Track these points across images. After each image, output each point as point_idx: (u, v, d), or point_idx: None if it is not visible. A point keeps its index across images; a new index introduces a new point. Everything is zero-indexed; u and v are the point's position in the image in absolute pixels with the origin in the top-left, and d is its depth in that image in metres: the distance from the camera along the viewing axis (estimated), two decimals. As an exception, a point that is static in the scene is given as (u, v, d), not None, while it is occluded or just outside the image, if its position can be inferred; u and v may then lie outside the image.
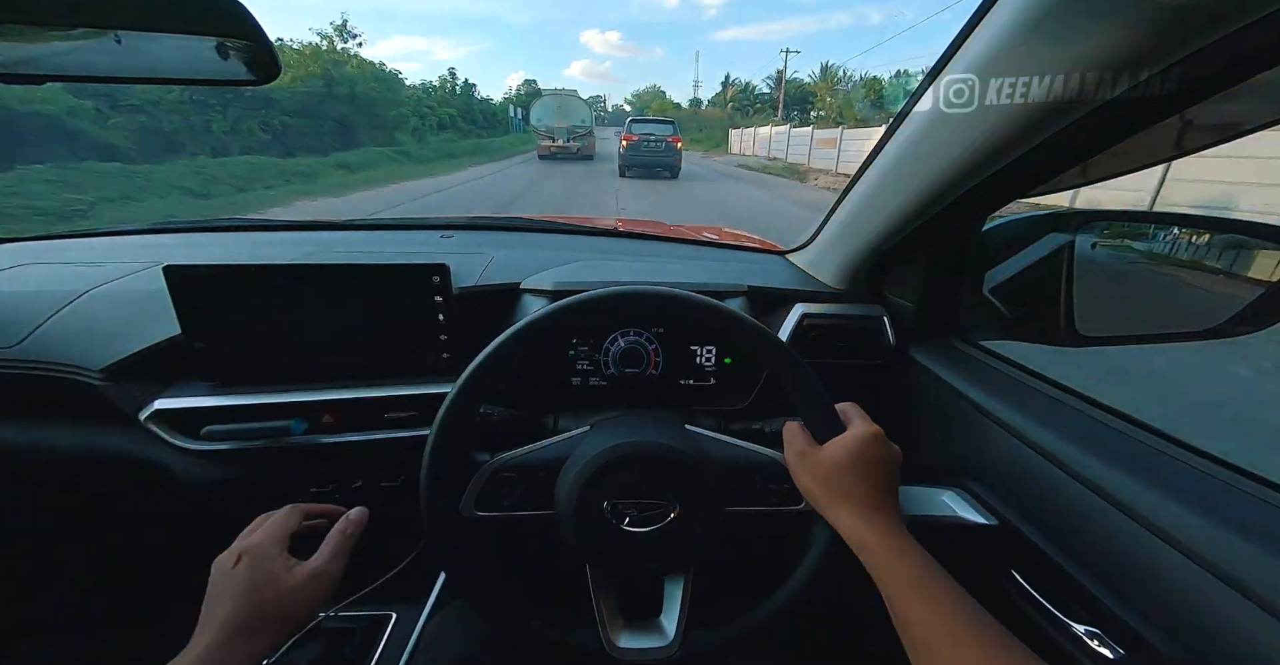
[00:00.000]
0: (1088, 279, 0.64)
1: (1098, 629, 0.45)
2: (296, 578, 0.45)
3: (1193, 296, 0.68)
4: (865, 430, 0.49)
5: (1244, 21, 0.30)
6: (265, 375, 0.71)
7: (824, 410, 0.51)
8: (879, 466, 0.48)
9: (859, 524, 0.46)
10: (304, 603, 0.45)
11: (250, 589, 0.43)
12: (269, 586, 0.44)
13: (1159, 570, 0.40)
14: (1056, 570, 0.49)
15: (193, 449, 0.67)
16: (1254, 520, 0.38)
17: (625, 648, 0.52)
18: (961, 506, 0.60)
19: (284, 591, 0.44)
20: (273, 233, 1.07)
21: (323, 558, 0.48)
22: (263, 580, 0.44)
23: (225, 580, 0.44)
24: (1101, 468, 0.47)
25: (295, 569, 0.46)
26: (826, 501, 0.48)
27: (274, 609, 0.44)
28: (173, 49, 0.40)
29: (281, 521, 0.50)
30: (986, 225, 0.70)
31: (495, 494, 0.52)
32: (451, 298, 0.71)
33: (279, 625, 0.44)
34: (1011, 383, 0.63)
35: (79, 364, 0.67)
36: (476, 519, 0.52)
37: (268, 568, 0.45)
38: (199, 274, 0.65)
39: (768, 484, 0.54)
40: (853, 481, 0.47)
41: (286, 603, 0.44)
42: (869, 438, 0.48)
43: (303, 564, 0.47)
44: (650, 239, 1.14)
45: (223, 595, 0.43)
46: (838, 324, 0.78)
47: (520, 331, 0.50)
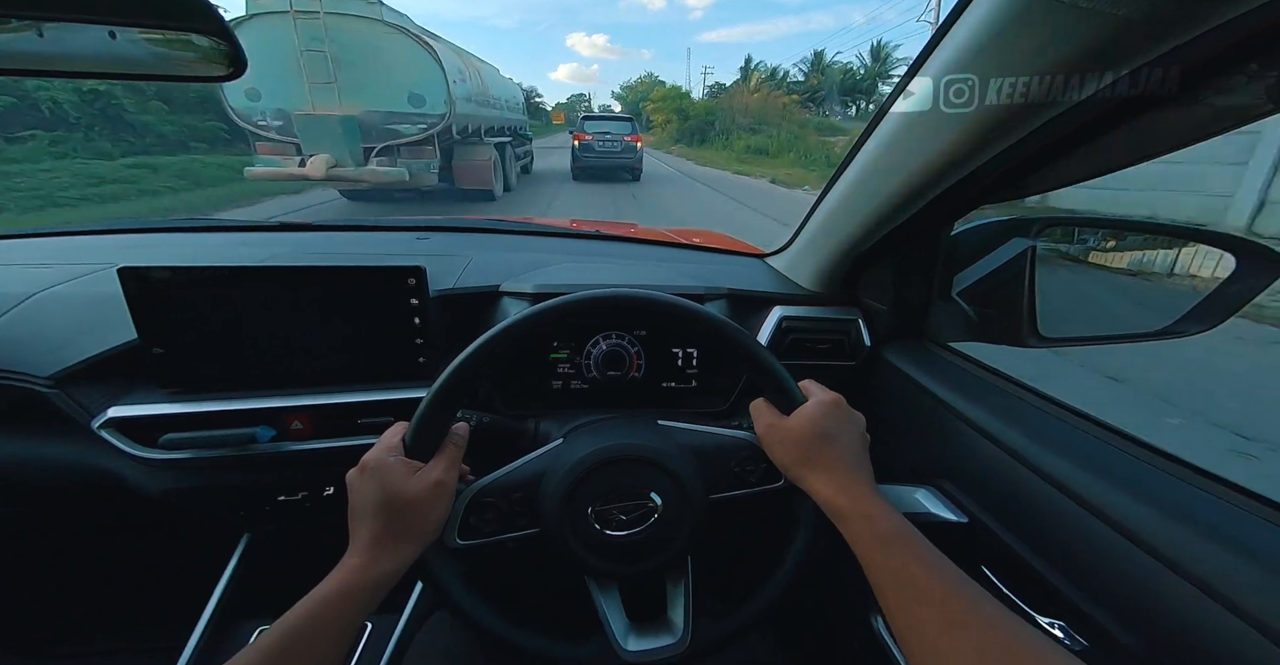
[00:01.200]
0: (1048, 281, 0.67)
1: (1062, 622, 0.47)
2: (421, 485, 0.46)
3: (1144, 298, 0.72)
4: (823, 398, 0.51)
5: (1210, 24, 0.30)
6: (230, 382, 0.68)
7: (783, 382, 0.52)
8: (843, 431, 0.49)
9: (831, 489, 0.47)
10: (431, 513, 0.46)
11: (383, 499, 0.44)
12: (398, 495, 0.45)
13: (1121, 565, 0.42)
14: (1024, 566, 0.50)
15: (149, 458, 0.64)
16: (1212, 518, 0.40)
17: (637, 651, 0.51)
18: (934, 504, 0.61)
19: (412, 500, 0.45)
20: (238, 233, 1.03)
21: (439, 468, 0.47)
22: (392, 488, 0.45)
23: (358, 493, 0.45)
24: (1066, 466, 0.48)
25: (418, 475, 0.46)
26: (798, 471, 0.49)
27: (406, 518, 0.45)
28: (134, 43, 0.38)
29: (391, 433, 0.50)
30: (955, 229, 0.72)
31: (478, 521, 0.51)
32: (428, 300, 0.70)
33: (415, 534, 0.45)
34: (979, 383, 0.65)
35: (26, 370, 0.63)
36: (461, 549, 0.51)
37: (391, 477, 0.45)
38: (157, 276, 0.62)
39: (745, 465, 0.55)
40: (820, 447, 0.48)
41: (416, 512, 0.45)
42: (830, 403, 0.50)
43: (423, 471, 0.47)
44: (631, 241, 1.14)
45: (361, 513, 0.45)
46: (815, 326, 0.79)
47: (498, 335, 0.49)
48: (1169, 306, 0.69)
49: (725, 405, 0.78)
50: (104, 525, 0.77)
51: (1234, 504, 0.41)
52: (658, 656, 0.51)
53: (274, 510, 0.73)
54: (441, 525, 0.48)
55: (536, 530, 0.52)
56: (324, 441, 0.69)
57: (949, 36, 0.43)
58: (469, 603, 0.50)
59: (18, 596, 0.84)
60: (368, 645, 0.77)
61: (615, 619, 0.53)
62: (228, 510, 0.73)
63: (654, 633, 0.53)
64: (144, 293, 0.62)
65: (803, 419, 0.50)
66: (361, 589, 0.42)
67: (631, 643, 0.52)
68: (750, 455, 0.55)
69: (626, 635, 0.52)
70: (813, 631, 0.88)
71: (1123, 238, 0.69)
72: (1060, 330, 0.68)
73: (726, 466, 0.55)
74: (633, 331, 0.76)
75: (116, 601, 0.84)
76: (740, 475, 0.55)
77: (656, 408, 0.77)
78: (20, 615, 0.84)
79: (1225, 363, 3.07)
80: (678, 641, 0.52)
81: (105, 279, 0.73)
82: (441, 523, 0.48)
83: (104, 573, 0.85)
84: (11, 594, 0.83)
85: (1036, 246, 0.66)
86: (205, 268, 0.63)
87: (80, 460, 0.67)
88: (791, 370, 0.53)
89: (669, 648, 0.51)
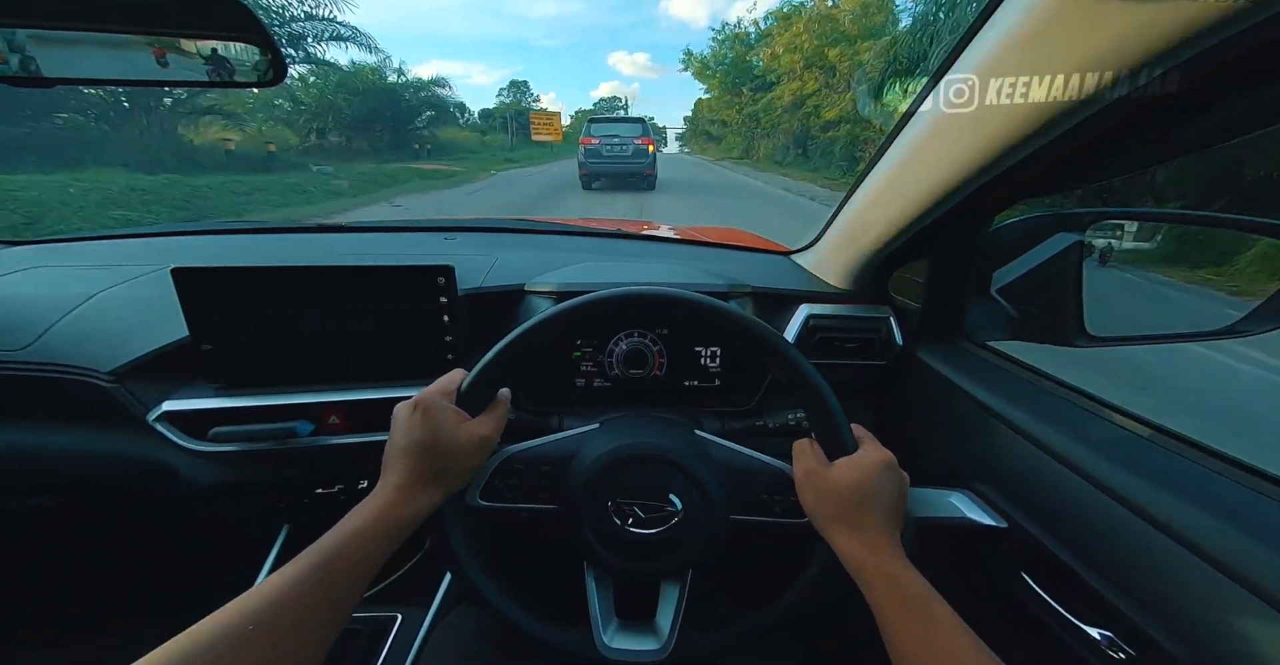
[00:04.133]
0: (1094, 279, 0.64)
1: (1109, 632, 0.45)
2: (466, 434, 0.47)
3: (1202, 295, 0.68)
4: (877, 456, 0.48)
5: (1252, 21, 0.29)
6: (272, 377, 0.71)
7: (838, 427, 0.49)
8: (886, 494, 0.47)
9: (857, 547, 0.45)
10: (467, 465, 0.47)
11: (430, 439, 0.45)
12: (445, 438, 0.46)
13: (1173, 573, 0.40)
14: (1068, 573, 0.48)
15: (200, 451, 0.68)
16: (1271, 522, 0.38)
17: (616, 648, 0.51)
18: (970, 508, 0.59)
19: (454, 446, 0.46)
20: (278, 235, 1.08)
21: (488, 425, 0.48)
22: (440, 430, 0.46)
23: (405, 430, 0.46)
24: (1113, 469, 0.46)
25: (465, 426, 0.47)
26: (828, 522, 0.48)
27: (447, 461, 0.46)
28: (183, 53, 0.40)
29: (450, 378, 0.51)
30: (994, 224, 0.69)
31: (502, 485, 0.52)
32: (456, 299, 0.71)
33: (447, 481, 0.46)
34: (1020, 383, 0.63)
35: (89, 366, 0.67)
36: (480, 508, 0.52)
37: (441, 420, 0.46)
38: (206, 276, 0.65)
39: (773, 495, 0.53)
40: (857, 507, 0.46)
41: (458, 458, 0.46)
42: (879, 464, 0.48)
43: (471, 422, 0.48)
44: (655, 240, 1.13)
45: (403, 450, 0.45)
46: (844, 325, 0.77)
47: (530, 330, 0.49)
48: (1231, 305, 0.65)
49: (751, 403, 0.77)
50: (152, 516, 0.81)
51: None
52: (635, 659, 0.51)
53: (312, 503, 0.76)
54: (470, 479, 0.49)
55: (555, 508, 0.52)
56: (358, 436, 0.71)
57: (984, 31, 0.42)
58: (468, 561, 0.50)
59: (62, 583, 0.89)
60: (396, 637, 0.79)
61: (603, 613, 0.53)
62: (270, 503, 0.76)
63: (637, 634, 0.53)
64: (194, 292, 0.65)
65: (849, 474, 0.47)
66: (392, 526, 0.43)
67: (613, 640, 0.52)
68: (780, 484, 0.53)
69: (610, 631, 0.52)
70: (833, 642, 0.86)
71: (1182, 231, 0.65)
72: (1110, 329, 0.64)
73: (754, 491, 0.54)
74: (654, 329, 0.76)
75: (161, 591, 0.88)
76: (766, 503, 0.53)
77: (680, 406, 0.77)
78: (65, 602, 0.90)
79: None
80: (659, 648, 0.51)
81: (156, 280, 0.77)
82: (472, 476, 0.49)
83: (150, 563, 0.89)
84: (58, 582, 0.88)
85: (1084, 241, 0.63)
86: (250, 268, 0.66)
87: (137, 452, 0.71)
88: (821, 370, 0.51)
89: (649, 653, 0.51)
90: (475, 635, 0.63)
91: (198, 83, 0.46)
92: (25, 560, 0.83)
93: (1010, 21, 0.39)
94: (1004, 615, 0.38)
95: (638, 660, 0.51)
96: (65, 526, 0.81)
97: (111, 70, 0.43)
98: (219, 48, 0.42)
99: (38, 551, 0.83)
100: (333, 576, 0.39)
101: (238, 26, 0.38)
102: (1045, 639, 0.49)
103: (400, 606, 0.82)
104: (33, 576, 0.86)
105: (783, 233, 1.27)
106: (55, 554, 0.85)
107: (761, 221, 8.12)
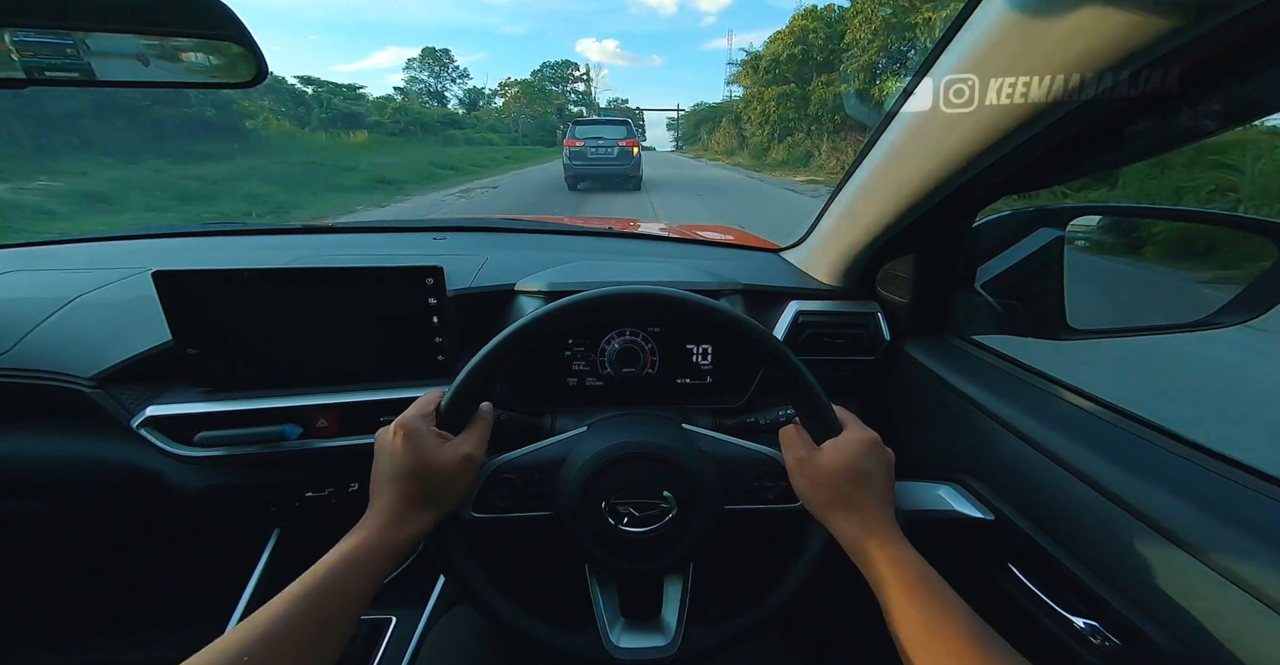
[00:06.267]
0: (1076, 272, 0.65)
1: (1096, 622, 0.46)
2: (449, 456, 0.46)
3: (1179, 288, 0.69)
4: (861, 436, 0.49)
5: (1233, 12, 0.30)
6: (258, 381, 0.70)
7: (821, 410, 0.50)
8: (875, 473, 0.48)
9: (855, 530, 0.46)
10: (457, 484, 0.47)
11: (414, 464, 0.45)
12: (429, 461, 0.45)
13: (1157, 564, 0.41)
14: (1054, 564, 0.49)
15: (186, 455, 0.67)
16: (1250, 514, 0.39)
17: (625, 648, 0.51)
18: (958, 501, 0.60)
19: (440, 468, 0.46)
20: (262, 236, 1.06)
21: (470, 443, 0.48)
22: (423, 453, 0.45)
23: (389, 456, 0.46)
24: (1098, 462, 0.47)
25: (447, 447, 0.47)
26: (823, 507, 0.49)
27: (433, 484, 0.46)
28: (164, 52, 0.40)
29: (427, 399, 0.51)
30: (978, 221, 0.70)
31: (493, 496, 0.52)
32: (446, 300, 0.71)
33: (438, 503, 0.46)
34: (1005, 377, 0.64)
35: (70, 372, 0.66)
36: (473, 521, 0.52)
37: (424, 444, 0.46)
38: (189, 279, 0.64)
39: (764, 482, 0.54)
40: (849, 488, 0.47)
41: (445, 479, 0.46)
42: (866, 443, 0.48)
43: (452, 442, 0.48)
44: (644, 238, 1.14)
45: (389, 475, 0.45)
46: (833, 321, 0.78)
47: (506, 340, 0.49)
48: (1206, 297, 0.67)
49: (741, 400, 0.78)
50: (139, 521, 0.80)
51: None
52: (646, 656, 0.51)
53: (302, 506, 0.75)
54: (462, 498, 0.49)
55: (549, 513, 0.52)
56: (348, 439, 0.71)
57: (964, 31, 0.42)
58: (473, 576, 0.50)
59: (53, 591, 0.88)
60: (391, 639, 0.79)
61: (609, 614, 0.53)
62: (259, 507, 0.76)
63: (645, 632, 0.53)
64: (177, 295, 0.64)
65: (837, 456, 0.48)
66: (384, 552, 0.43)
67: (621, 640, 0.52)
68: (770, 472, 0.54)
69: (618, 632, 0.53)
70: (824, 634, 0.87)
71: (1156, 226, 0.66)
72: (1090, 322, 0.66)
73: (745, 480, 0.54)
74: (646, 328, 0.76)
75: (152, 595, 0.87)
76: (757, 491, 0.54)
77: (672, 404, 0.77)
78: (55, 609, 0.88)
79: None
80: (668, 644, 0.51)
81: (138, 283, 0.75)
82: (462, 496, 0.49)
83: (139, 567, 0.88)
84: (47, 588, 0.87)
85: (1065, 236, 0.64)
86: (234, 270, 0.65)
87: (121, 458, 0.70)
88: (810, 365, 0.52)
89: (659, 650, 0.51)
90: (471, 636, 0.63)
91: (179, 83, 0.45)
92: (12, 566, 0.81)
93: (994, 20, 0.40)
94: (991, 607, 0.39)
95: (648, 658, 0.51)
96: (53, 532, 0.80)
97: (90, 70, 0.42)
98: (200, 48, 0.42)
99: (25, 557, 0.82)
100: (326, 603, 0.39)
101: (219, 26, 0.38)
102: (1033, 630, 0.50)
103: (395, 608, 0.82)
104: (20, 582, 0.84)
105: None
106: (43, 559, 0.84)
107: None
